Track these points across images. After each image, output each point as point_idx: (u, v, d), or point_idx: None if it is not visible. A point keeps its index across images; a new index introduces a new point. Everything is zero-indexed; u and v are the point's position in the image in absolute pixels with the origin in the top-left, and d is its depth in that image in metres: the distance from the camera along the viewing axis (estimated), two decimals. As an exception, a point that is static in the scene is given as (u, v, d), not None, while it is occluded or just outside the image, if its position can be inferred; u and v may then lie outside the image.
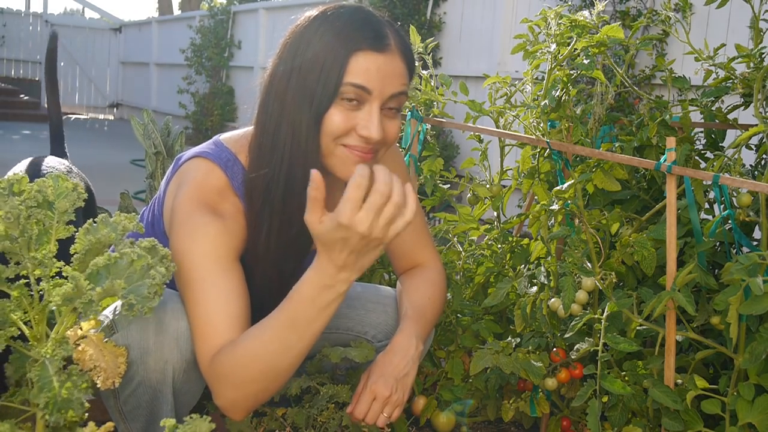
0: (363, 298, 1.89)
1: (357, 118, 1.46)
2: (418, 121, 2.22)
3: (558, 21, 1.91)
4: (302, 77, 1.46)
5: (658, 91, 4.62)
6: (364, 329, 1.87)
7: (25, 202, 1.44)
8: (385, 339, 1.87)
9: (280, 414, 1.69)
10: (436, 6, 6.71)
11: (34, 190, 1.45)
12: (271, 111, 1.51)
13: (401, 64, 1.49)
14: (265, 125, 1.52)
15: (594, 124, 1.97)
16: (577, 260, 1.76)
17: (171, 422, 1.13)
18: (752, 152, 2.00)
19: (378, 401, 1.57)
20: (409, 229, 1.77)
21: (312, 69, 1.45)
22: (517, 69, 5.74)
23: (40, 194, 1.46)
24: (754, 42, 1.91)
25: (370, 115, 1.45)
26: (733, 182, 1.68)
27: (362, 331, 1.87)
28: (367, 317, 1.88)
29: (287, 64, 1.49)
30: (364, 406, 1.57)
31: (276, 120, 1.50)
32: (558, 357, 1.90)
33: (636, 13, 4.82)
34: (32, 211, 1.44)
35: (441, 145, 5.74)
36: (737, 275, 1.53)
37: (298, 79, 1.46)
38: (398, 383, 1.60)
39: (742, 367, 1.65)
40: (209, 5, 10.72)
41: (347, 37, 1.45)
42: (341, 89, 1.44)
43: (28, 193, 1.45)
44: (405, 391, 1.61)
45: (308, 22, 1.51)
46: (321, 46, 1.45)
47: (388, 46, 1.47)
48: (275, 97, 1.50)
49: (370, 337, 1.87)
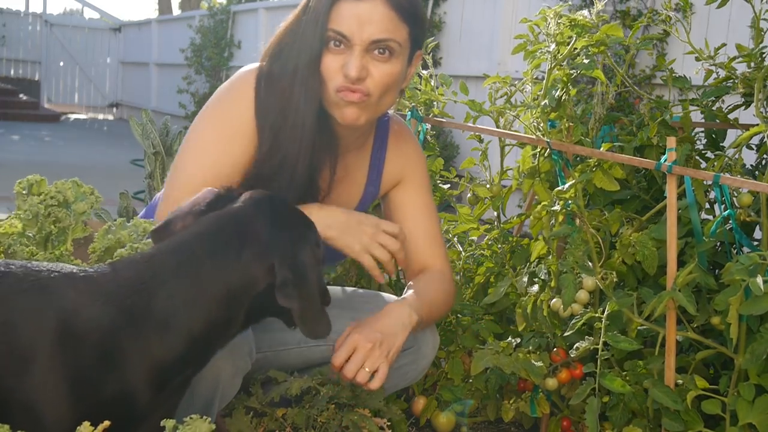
0: (366, 309, 1.80)
1: (343, 61, 1.56)
2: (418, 121, 2.22)
3: (558, 20, 1.90)
4: (301, 27, 1.59)
5: (658, 91, 4.62)
6: None
7: (45, 201, 1.52)
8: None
9: (280, 414, 1.69)
10: (436, 6, 6.70)
11: (54, 191, 1.54)
12: (284, 56, 1.63)
13: (385, 10, 1.55)
14: (275, 68, 1.65)
15: (594, 123, 1.97)
16: (578, 259, 1.76)
17: (171, 423, 1.13)
18: (753, 152, 2.00)
19: (359, 352, 1.53)
20: (422, 235, 1.80)
21: (308, 20, 1.58)
22: (517, 69, 5.73)
23: (60, 194, 1.54)
24: (754, 41, 1.90)
25: (351, 57, 1.55)
26: (733, 182, 1.68)
27: None
28: None
29: (296, 14, 1.63)
30: (343, 354, 1.53)
31: (284, 64, 1.62)
32: (558, 357, 1.89)
33: (636, 12, 4.82)
34: (51, 210, 1.51)
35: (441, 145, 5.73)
36: (738, 275, 1.53)
37: (301, 28, 1.60)
38: (384, 339, 1.55)
39: (743, 368, 1.65)
40: (209, 5, 10.71)
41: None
42: (327, 34, 1.55)
43: (48, 194, 1.53)
44: (390, 349, 1.55)
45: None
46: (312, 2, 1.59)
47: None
48: (287, 43, 1.63)
49: None
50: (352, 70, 1.55)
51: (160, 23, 13.45)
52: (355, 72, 1.54)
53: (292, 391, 1.63)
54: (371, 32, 1.54)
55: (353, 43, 1.55)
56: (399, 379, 1.87)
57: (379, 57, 1.57)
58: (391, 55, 1.58)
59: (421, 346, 1.83)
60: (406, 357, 1.84)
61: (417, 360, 1.85)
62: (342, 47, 1.56)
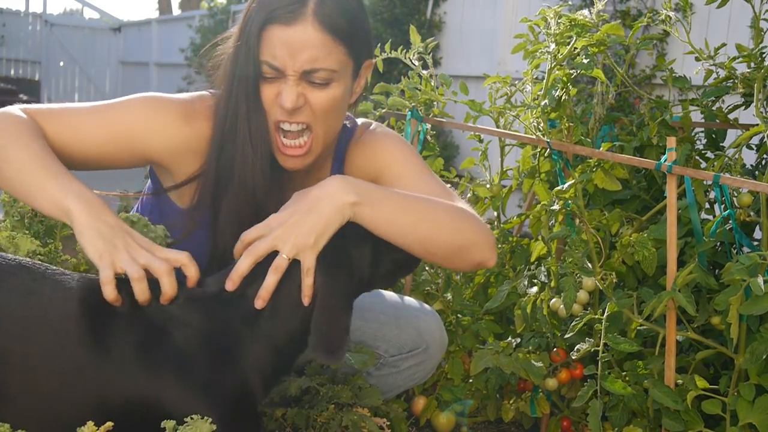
0: (376, 309, 1.83)
1: (278, 90, 1.45)
2: (418, 121, 2.22)
3: (558, 20, 1.90)
4: (239, 55, 1.46)
5: (658, 91, 4.61)
6: (376, 343, 1.81)
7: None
8: (398, 354, 1.82)
9: (280, 415, 1.68)
10: (436, 6, 6.70)
11: None
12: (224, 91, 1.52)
13: (317, 34, 1.40)
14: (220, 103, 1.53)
15: (594, 123, 1.97)
16: (577, 260, 1.76)
17: (171, 424, 1.13)
18: (753, 152, 2.00)
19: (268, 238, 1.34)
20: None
21: (242, 48, 1.45)
22: (517, 69, 5.73)
23: None
24: (754, 42, 1.90)
25: (285, 87, 1.43)
26: (733, 182, 1.68)
27: (374, 346, 1.81)
28: (380, 331, 1.82)
29: (235, 41, 1.49)
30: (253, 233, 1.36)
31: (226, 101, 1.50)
32: (558, 357, 1.89)
33: (636, 12, 4.82)
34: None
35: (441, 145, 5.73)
36: (738, 275, 1.53)
37: (238, 56, 1.46)
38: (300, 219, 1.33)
39: (743, 368, 1.65)
40: (209, 5, 10.71)
41: (263, 8, 1.42)
42: (261, 68, 1.43)
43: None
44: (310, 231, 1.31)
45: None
46: (247, 22, 1.45)
47: (301, 16, 1.40)
48: (227, 77, 1.51)
49: (382, 352, 1.82)
50: (286, 102, 1.43)
51: (160, 23, 13.45)
52: (290, 104, 1.43)
53: (291, 391, 1.63)
54: (302, 62, 1.41)
55: (286, 74, 1.42)
56: (406, 380, 1.86)
57: (316, 85, 1.44)
58: (329, 81, 1.45)
59: (430, 346, 1.82)
60: (414, 358, 1.83)
61: (425, 361, 1.84)
62: (276, 75, 1.44)
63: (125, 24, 14.88)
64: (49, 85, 14.77)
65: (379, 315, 1.83)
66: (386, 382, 1.85)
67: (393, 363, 1.83)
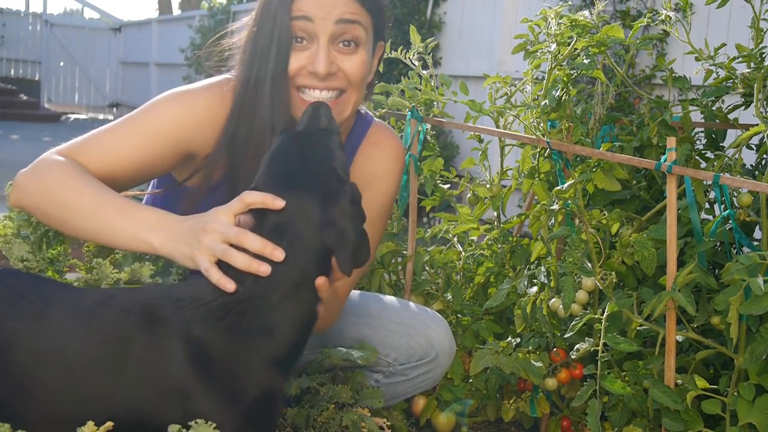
0: (384, 317, 1.84)
1: (307, 59, 1.46)
2: (418, 121, 2.22)
3: (558, 21, 1.90)
4: (260, 28, 1.49)
5: (658, 91, 4.62)
6: (384, 351, 1.81)
7: None
8: (407, 362, 1.83)
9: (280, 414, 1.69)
10: (436, 6, 6.70)
11: None
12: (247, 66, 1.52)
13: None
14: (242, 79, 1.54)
15: (594, 123, 1.97)
16: (577, 260, 1.76)
17: (175, 428, 1.14)
18: (753, 152, 2.00)
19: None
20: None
21: (266, 20, 1.47)
22: (517, 69, 5.73)
23: None
24: (754, 42, 1.90)
25: (317, 51, 1.45)
26: (733, 182, 1.68)
27: (383, 354, 1.81)
28: (389, 339, 1.82)
29: (255, 20, 1.51)
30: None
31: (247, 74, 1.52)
32: (558, 357, 1.89)
33: (636, 12, 4.82)
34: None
35: (441, 145, 5.72)
36: (737, 275, 1.53)
37: (261, 30, 1.49)
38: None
39: (743, 367, 1.65)
40: (209, 5, 10.72)
41: None
42: (290, 25, 1.44)
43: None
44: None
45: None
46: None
47: None
48: (248, 50, 1.52)
49: (391, 360, 1.83)
50: (319, 65, 1.45)
51: (160, 23, 13.46)
52: (323, 67, 1.45)
53: (291, 391, 1.63)
54: (336, 13, 1.45)
55: (317, 31, 1.45)
56: (415, 387, 1.87)
57: (345, 50, 1.48)
58: (357, 45, 1.49)
59: (439, 355, 1.82)
60: (423, 366, 1.83)
61: (434, 369, 1.85)
62: (305, 43, 1.46)
63: (125, 24, 14.89)
64: (49, 85, 14.78)
65: (387, 323, 1.83)
66: (395, 390, 1.86)
67: (402, 371, 1.83)
